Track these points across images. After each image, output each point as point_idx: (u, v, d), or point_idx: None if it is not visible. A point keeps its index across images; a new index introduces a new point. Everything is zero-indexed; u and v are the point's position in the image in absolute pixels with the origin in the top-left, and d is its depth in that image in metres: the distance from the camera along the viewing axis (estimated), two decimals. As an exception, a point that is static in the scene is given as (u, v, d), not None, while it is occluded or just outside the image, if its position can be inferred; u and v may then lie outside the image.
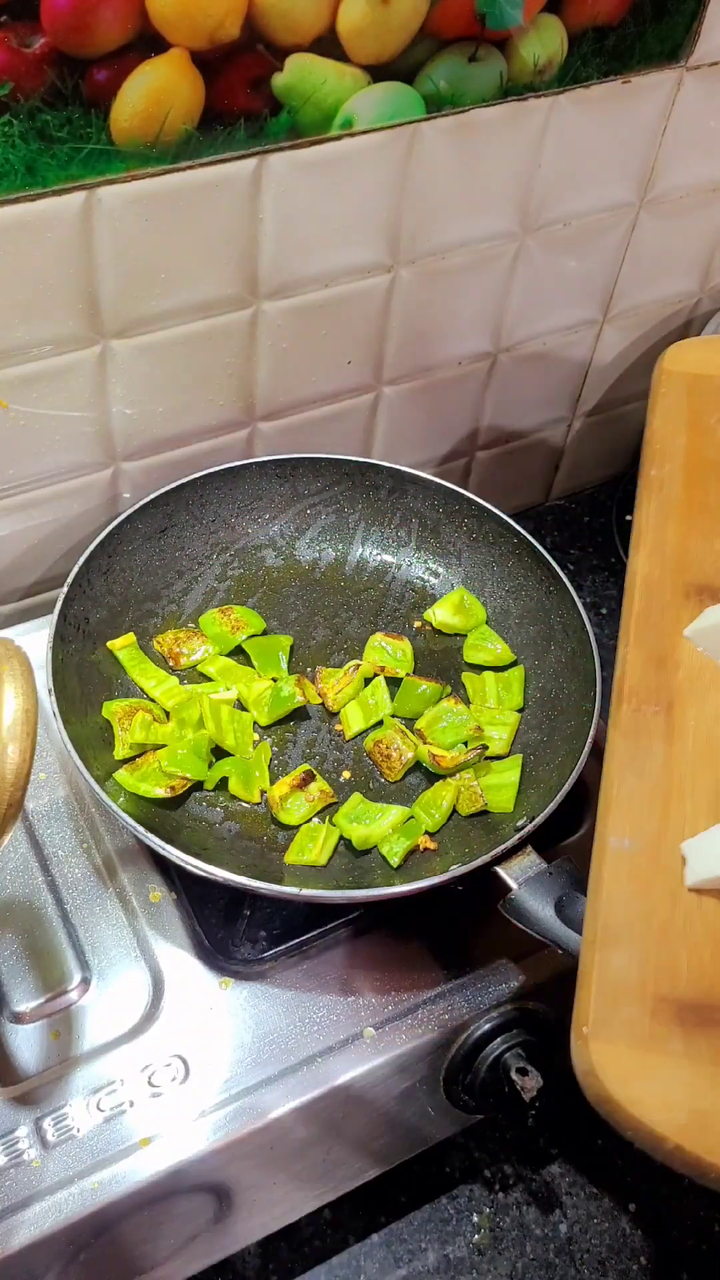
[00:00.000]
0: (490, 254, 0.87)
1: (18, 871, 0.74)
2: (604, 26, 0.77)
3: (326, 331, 0.85)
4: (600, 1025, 0.48)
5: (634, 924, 0.51)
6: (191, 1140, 0.64)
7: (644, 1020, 0.48)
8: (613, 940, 0.51)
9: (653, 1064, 0.47)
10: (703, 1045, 0.48)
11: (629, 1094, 0.46)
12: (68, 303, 0.73)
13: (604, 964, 0.50)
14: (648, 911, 0.52)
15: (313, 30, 0.68)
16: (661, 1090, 0.46)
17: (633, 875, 0.53)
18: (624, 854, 0.53)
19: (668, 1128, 0.45)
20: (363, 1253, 0.79)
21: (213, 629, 0.83)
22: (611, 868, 0.53)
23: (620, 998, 0.49)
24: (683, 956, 0.50)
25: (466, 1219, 0.81)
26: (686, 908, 0.52)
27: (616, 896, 0.52)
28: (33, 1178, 0.62)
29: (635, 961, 0.50)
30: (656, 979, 0.50)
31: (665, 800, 0.55)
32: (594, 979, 0.49)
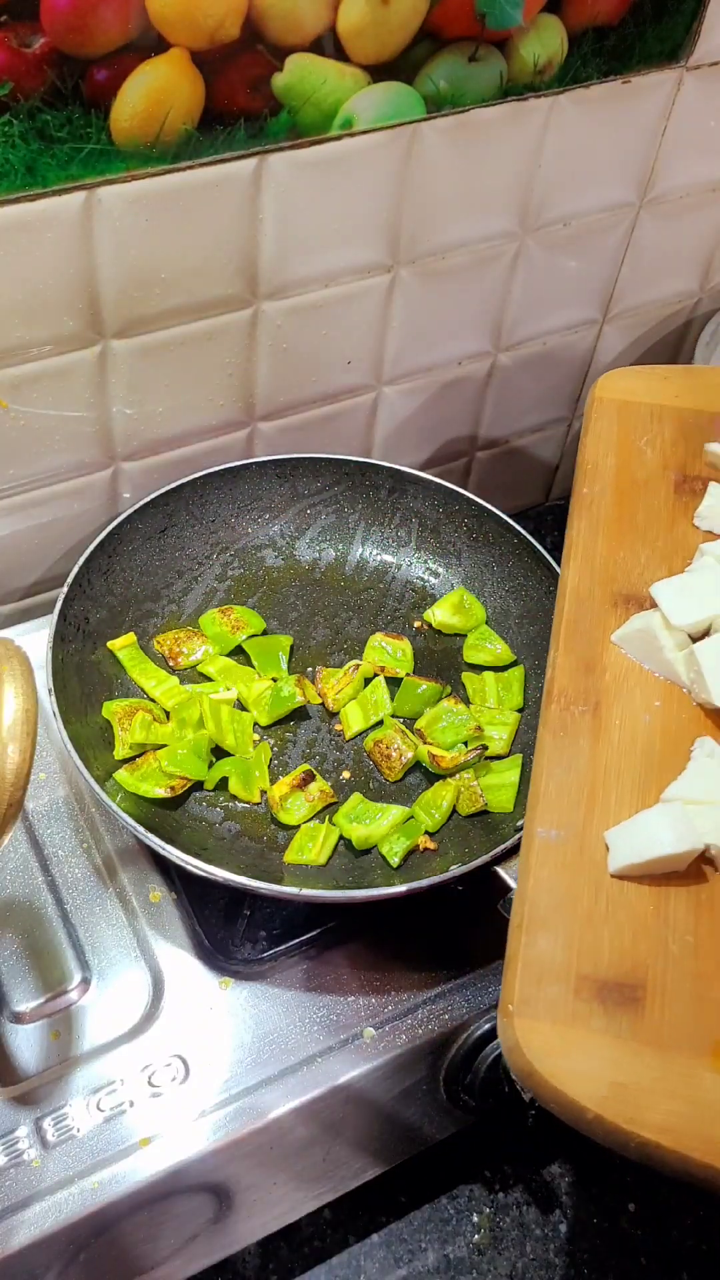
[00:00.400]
0: (490, 254, 0.87)
1: (18, 871, 0.74)
2: (604, 26, 0.77)
3: (326, 331, 0.85)
4: (525, 1003, 0.50)
5: (560, 909, 0.54)
6: (191, 1140, 0.64)
7: (567, 998, 0.51)
8: (539, 924, 0.53)
9: (575, 1039, 0.50)
10: (622, 1022, 0.50)
11: (551, 1068, 0.48)
12: (68, 303, 0.73)
13: (530, 946, 0.52)
14: (573, 897, 0.54)
15: (313, 30, 0.68)
16: (582, 1064, 0.49)
17: (559, 864, 0.56)
18: (551, 844, 0.56)
19: (588, 1099, 0.47)
20: (363, 1253, 0.79)
21: (213, 629, 0.83)
22: (539, 857, 0.56)
23: (545, 977, 0.51)
24: (605, 938, 0.53)
25: (466, 1219, 0.81)
26: (609, 893, 0.55)
27: (543, 883, 0.55)
28: (33, 1178, 0.62)
29: (560, 944, 0.53)
30: (580, 959, 0.52)
31: (591, 793, 0.58)
32: (520, 960, 0.52)
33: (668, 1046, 0.50)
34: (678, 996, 0.51)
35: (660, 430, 0.75)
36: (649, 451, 0.74)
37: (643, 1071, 0.49)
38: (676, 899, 0.55)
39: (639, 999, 0.51)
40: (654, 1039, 0.50)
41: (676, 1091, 0.48)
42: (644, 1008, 0.51)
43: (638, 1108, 0.47)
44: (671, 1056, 0.49)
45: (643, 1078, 0.49)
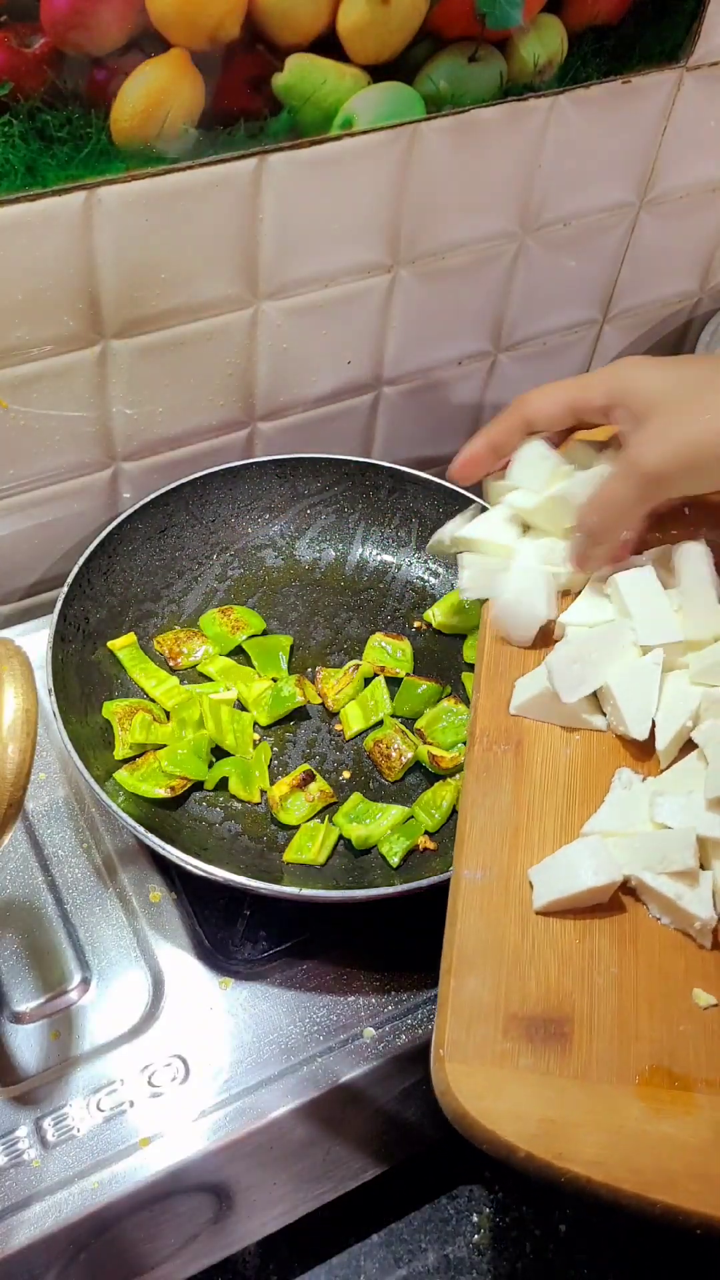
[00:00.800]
0: (490, 254, 0.87)
1: (18, 871, 0.74)
2: (604, 26, 0.77)
3: (326, 331, 0.85)
4: (455, 1046, 0.51)
5: (487, 950, 0.54)
6: (191, 1140, 0.64)
7: (496, 1038, 0.51)
8: (467, 967, 0.53)
9: (504, 1079, 0.50)
10: (550, 1058, 0.51)
11: (482, 1109, 0.49)
12: (68, 303, 0.73)
13: (459, 989, 0.53)
14: (499, 938, 0.55)
15: (313, 30, 0.68)
16: (512, 1103, 0.49)
17: (485, 905, 0.56)
18: (476, 885, 0.57)
19: (519, 1138, 0.47)
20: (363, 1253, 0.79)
21: (213, 629, 0.83)
22: (465, 899, 0.56)
23: (474, 1019, 0.52)
24: (531, 975, 0.53)
25: (466, 1219, 0.81)
26: (534, 931, 0.55)
27: (470, 926, 0.55)
28: (33, 1178, 0.62)
29: (488, 985, 0.53)
30: (508, 999, 0.52)
31: (515, 832, 0.59)
32: (449, 1004, 0.52)
33: (595, 1079, 0.50)
34: (604, 1029, 0.52)
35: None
36: None
37: (571, 1106, 0.49)
38: (600, 932, 0.55)
39: (566, 1034, 0.51)
40: (581, 1073, 0.50)
41: (605, 1124, 0.48)
42: (571, 1042, 0.51)
43: (567, 1142, 0.47)
44: (598, 1089, 0.50)
45: (571, 1112, 0.49)
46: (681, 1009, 0.52)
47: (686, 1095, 0.50)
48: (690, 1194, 0.46)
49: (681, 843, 0.55)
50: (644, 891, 0.56)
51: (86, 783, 0.69)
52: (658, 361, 0.66)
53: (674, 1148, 0.48)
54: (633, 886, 0.56)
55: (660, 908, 0.55)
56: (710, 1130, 0.49)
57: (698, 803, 0.57)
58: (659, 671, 0.62)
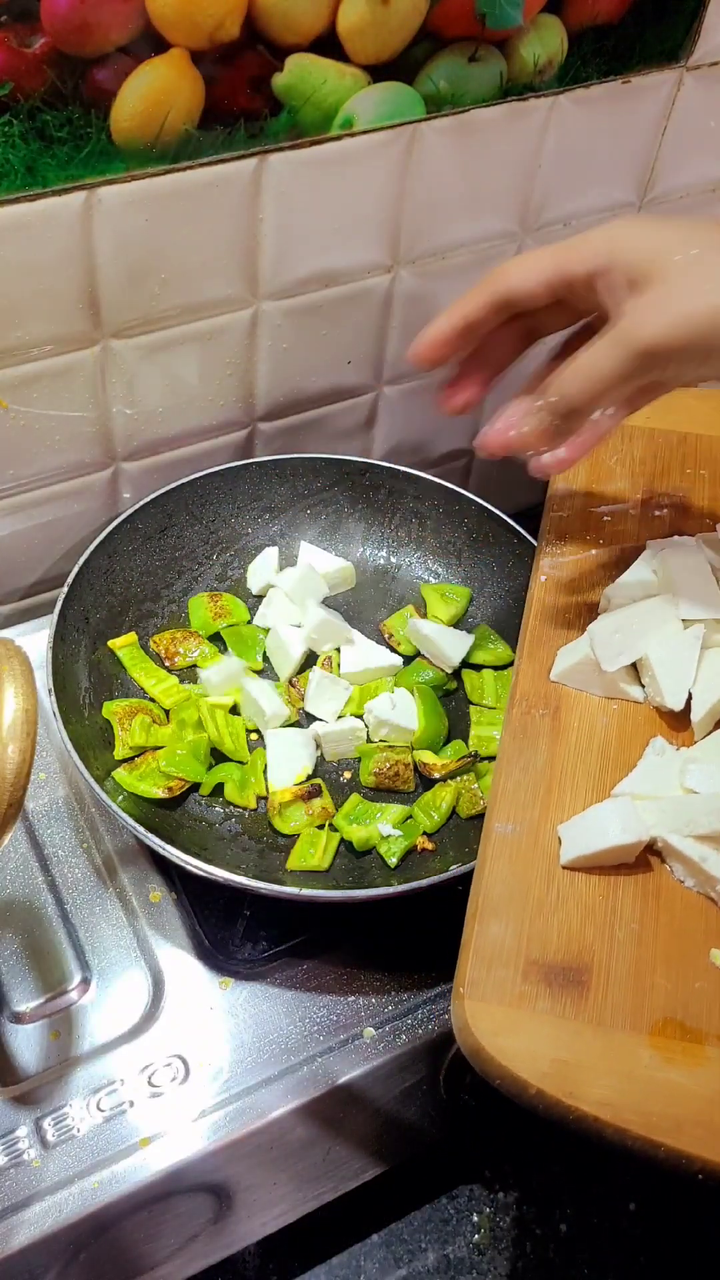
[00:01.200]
0: (490, 254, 0.87)
1: (18, 871, 0.74)
2: (604, 26, 0.77)
3: (326, 331, 0.85)
4: (474, 985, 0.53)
5: (512, 898, 0.56)
6: (191, 1140, 0.64)
7: (515, 981, 0.53)
8: (491, 912, 0.56)
9: (521, 1019, 0.52)
10: (566, 1003, 0.53)
11: (498, 1045, 0.51)
12: (68, 303, 0.73)
13: (482, 933, 0.55)
14: (525, 888, 0.57)
15: (313, 30, 0.68)
16: (527, 1042, 0.51)
17: (513, 856, 0.58)
18: (507, 838, 0.59)
19: (531, 1074, 0.50)
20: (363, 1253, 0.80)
21: (198, 612, 0.84)
22: (495, 849, 0.58)
23: (495, 961, 0.54)
24: (554, 925, 0.56)
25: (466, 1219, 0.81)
26: (560, 884, 0.57)
27: (497, 874, 0.57)
28: (33, 1178, 0.62)
29: (511, 930, 0.55)
30: (529, 945, 0.55)
31: (547, 791, 0.61)
32: (472, 946, 0.55)
33: (609, 1026, 0.52)
34: (621, 980, 0.53)
35: (630, 449, 0.77)
36: (618, 470, 0.76)
37: (584, 1049, 0.51)
38: (624, 889, 0.57)
39: (584, 982, 0.53)
40: (596, 1019, 0.52)
41: (615, 1068, 0.50)
42: (588, 990, 0.53)
43: (578, 1083, 0.49)
44: (612, 1035, 0.52)
45: (584, 1055, 0.51)
46: (698, 967, 0.54)
47: (697, 1048, 0.51)
48: (695, 1139, 0.48)
49: (710, 807, 0.57)
50: (669, 854, 0.57)
51: (86, 783, 0.69)
52: (655, 220, 0.59)
53: (682, 1095, 0.50)
54: (659, 849, 0.58)
55: (685, 869, 0.57)
56: (718, 1081, 0.50)
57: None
58: (699, 646, 0.64)
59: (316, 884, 0.71)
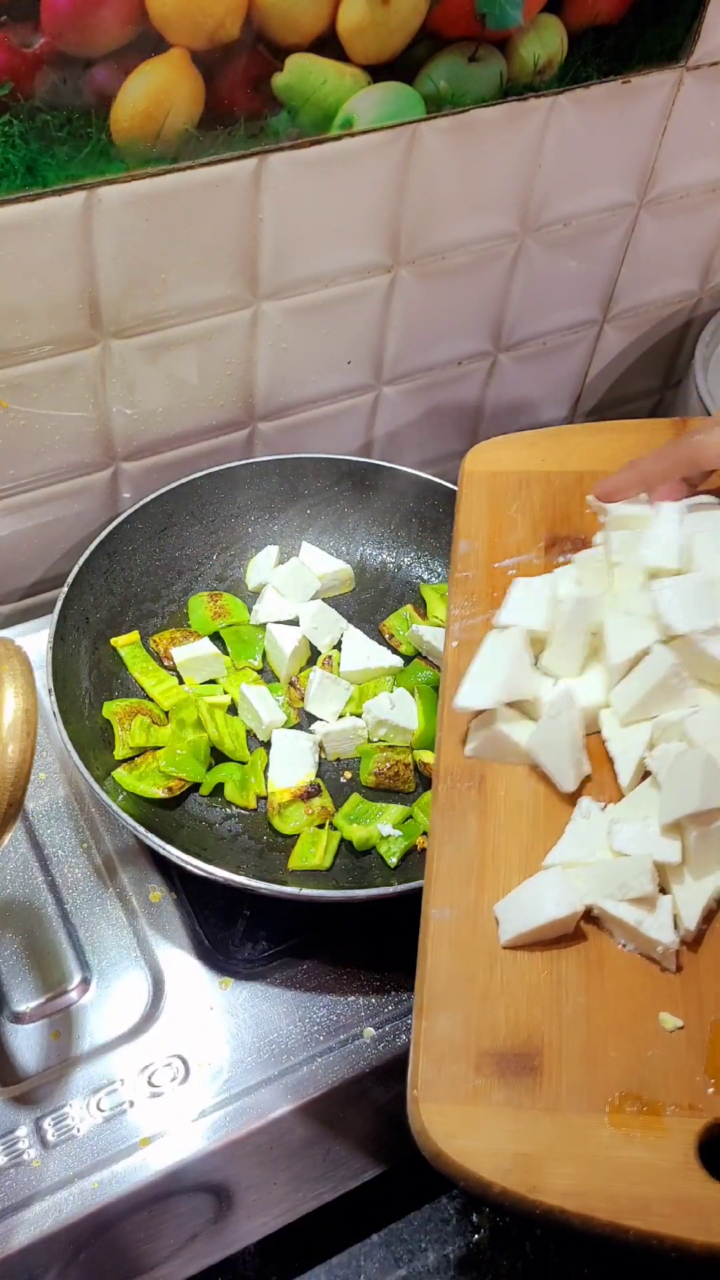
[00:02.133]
0: (490, 254, 0.87)
1: (18, 871, 0.74)
2: (604, 26, 0.77)
3: (326, 331, 0.85)
4: (428, 1086, 0.51)
5: (457, 988, 0.54)
6: (191, 1140, 0.64)
7: (468, 1076, 0.52)
8: (438, 1005, 0.54)
9: (477, 1116, 0.50)
10: (521, 1091, 0.51)
11: (457, 1147, 0.49)
12: (68, 303, 0.73)
13: (430, 1029, 0.53)
14: (469, 975, 0.55)
15: (313, 30, 0.68)
16: (485, 1140, 0.50)
17: (454, 943, 0.56)
18: (445, 924, 0.57)
19: (492, 1173, 0.48)
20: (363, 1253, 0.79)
21: (198, 612, 0.84)
22: (434, 938, 0.56)
23: (446, 1058, 0.52)
24: (501, 1010, 0.54)
25: (466, 1219, 0.81)
26: (502, 965, 0.55)
27: (439, 965, 0.55)
28: (33, 1178, 0.62)
29: (459, 1022, 0.53)
30: (479, 1035, 0.53)
31: (480, 869, 0.58)
32: (421, 1044, 0.53)
33: (566, 1110, 0.50)
34: (573, 1059, 0.52)
35: (529, 495, 0.74)
36: (519, 518, 0.73)
37: (543, 1138, 0.50)
38: (567, 961, 0.55)
39: (537, 1066, 0.52)
40: (552, 1104, 0.51)
41: (576, 1154, 0.49)
42: (541, 1075, 0.52)
43: (541, 1175, 0.48)
44: (570, 1119, 0.50)
45: (543, 1144, 0.49)
46: (649, 1033, 0.53)
47: (656, 1120, 0.50)
48: (663, 1218, 0.47)
49: (639, 869, 0.55)
50: (606, 919, 0.56)
51: (86, 783, 0.69)
52: None
53: (646, 1172, 0.49)
54: (596, 915, 0.56)
55: (623, 934, 0.56)
56: (680, 1152, 0.49)
57: (653, 828, 0.57)
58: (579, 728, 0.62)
59: (316, 884, 0.71)
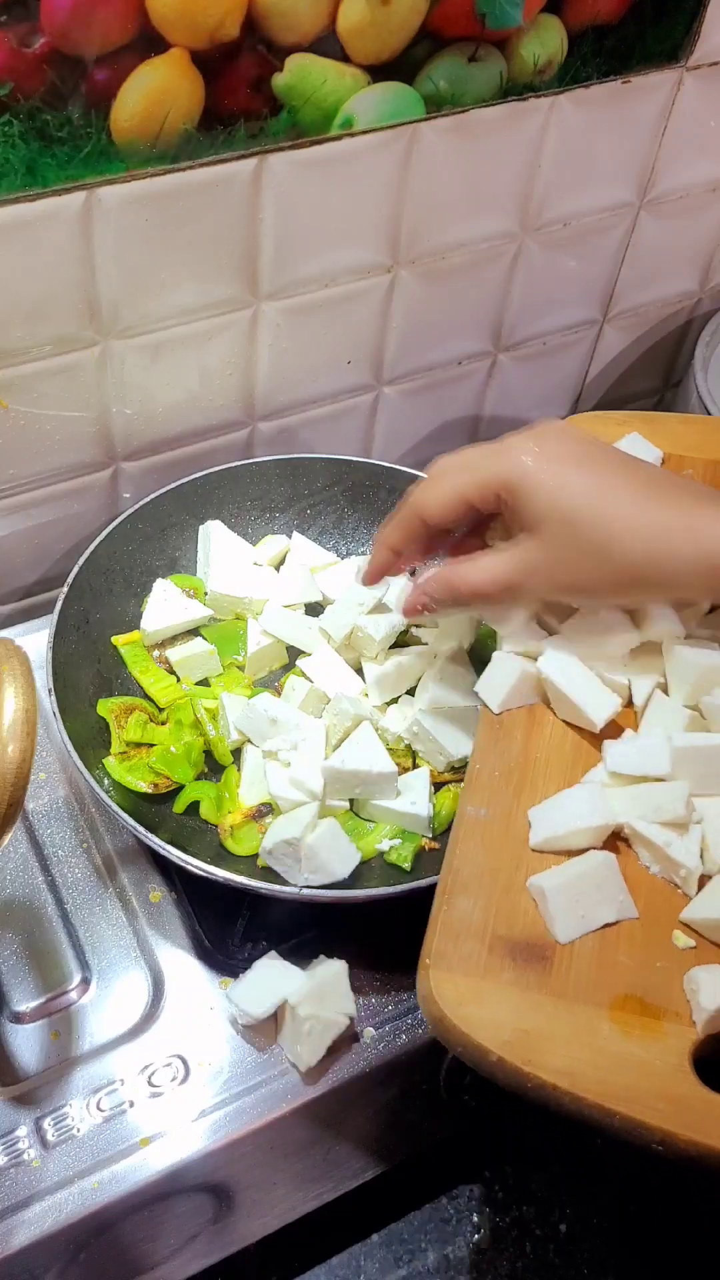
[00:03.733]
0: (490, 254, 0.87)
1: (18, 871, 0.74)
2: (604, 26, 0.77)
3: (326, 331, 0.85)
4: (440, 957, 0.54)
5: (481, 877, 0.57)
6: (191, 1140, 0.64)
7: (481, 954, 0.54)
8: (460, 889, 0.57)
9: (485, 990, 0.53)
10: (530, 976, 0.54)
11: (461, 1014, 0.52)
12: (68, 303, 0.73)
13: (450, 908, 0.56)
14: (494, 868, 0.58)
15: (313, 30, 0.68)
16: (490, 1012, 0.52)
17: (485, 838, 0.59)
18: (479, 821, 0.60)
19: (492, 1042, 0.51)
20: (363, 1253, 0.80)
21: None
22: (466, 830, 0.59)
23: (462, 935, 0.55)
24: (521, 904, 0.57)
25: (466, 1219, 0.81)
26: (529, 864, 0.58)
27: (468, 854, 0.58)
28: (33, 1178, 0.62)
29: (479, 906, 0.56)
30: (496, 921, 0.56)
31: (521, 777, 0.62)
32: (439, 920, 0.55)
33: (571, 999, 0.53)
34: (584, 956, 0.55)
35: None
36: None
37: (545, 1020, 0.52)
38: None
39: (548, 957, 0.54)
40: (559, 991, 0.53)
41: (576, 1039, 0.51)
42: (552, 965, 0.54)
43: (538, 1052, 0.50)
44: (574, 1008, 0.53)
45: (545, 1025, 0.52)
46: (660, 948, 0.55)
47: (655, 1023, 0.52)
48: (651, 1109, 0.49)
49: (675, 794, 0.58)
50: (636, 839, 0.59)
51: (86, 783, 0.69)
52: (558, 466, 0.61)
53: (639, 1067, 0.51)
54: (626, 836, 0.59)
55: (650, 855, 0.58)
56: (675, 1056, 0.51)
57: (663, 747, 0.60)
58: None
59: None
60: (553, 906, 0.56)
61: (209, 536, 0.85)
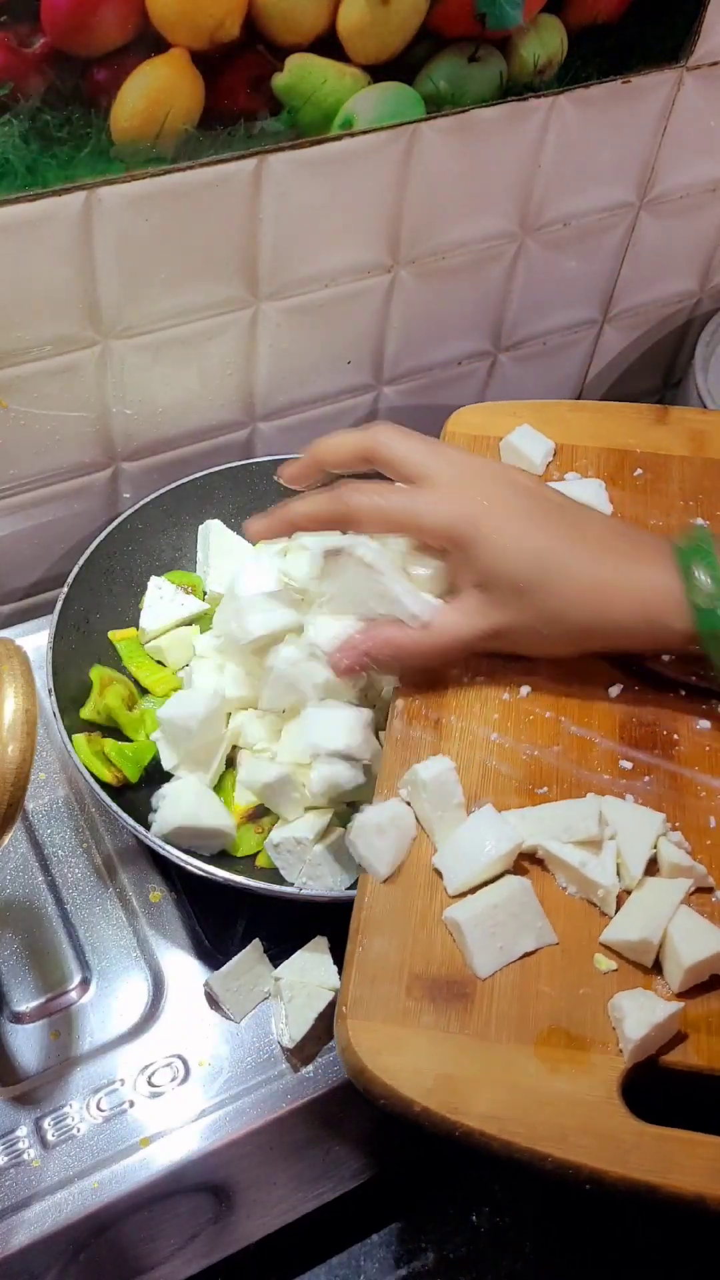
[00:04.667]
0: (490, 254, 0.87)
1: (18, 871, 0.74)
2: (604, 26, 0.77)
3: (326, 331, 0.85)
4: (357, 1004, 0.52)
5: (395, 914, 0.55)
6: (191, 1140, 0.64)
7: (399, 997, 0.52)
8: (374, 928, 0.55)
9: (404, 1036, 0.51)
10: (450, 1017, 0.52)
11: (381, 1064, 0.50)
12: (68, 303, 0.73)
13: (365, 949, 0.54)
14: (407, 904, 0.56)
15: (313, 30, 0.68)
16: (411, 1059, 0.50)
17: (396, 873, 0.57)
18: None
19: (415, 1091, 0.49)
20: (363, 1253, 0.80)
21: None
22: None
23: (378, 978, 0.53)
24: (437, 938, 0.54)
25: (466, 1219, 0.81)
26: (443, 899, 0.56)
27: (380, 890, 0.56)
28: (33, 1178, 0.62)
29: (394, 946, 0.54)
30: (413, 959, 0.54)
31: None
32: (354, 963, 0.53)
33: (494, 1039, 0.51)
34: (505, 991, 0.53)
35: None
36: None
37: (469, 1063, 0.50)
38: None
39: (468, 994, 0.53)
40: (481, 1032, 0.51)
41: (501, 1080, 0.50)
42: (472, 1003, 0.52)
43: (463, 1097, 0.49)
44: (497, 1048, 0.51)
45: (468, 1069, 0.50)
46: (582, 973, 0.54)
47: (582, 1055, 0.51)
48: (581, 1148, 0.48)
49: (585, 811, 0.57)
50: (551, 861, 0.57)
51: (86, 783, 0.69)
52: (509, 524, 0.61)
53: (567, 1104, 0.49)
54: (540, 858, 0.57)
55: (566, 877, 0.57)
56: (604, 1088, 0.50)
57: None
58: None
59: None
60: (470, 939, 0.53)
61: (208, 536, 0.84)
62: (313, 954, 0.68)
